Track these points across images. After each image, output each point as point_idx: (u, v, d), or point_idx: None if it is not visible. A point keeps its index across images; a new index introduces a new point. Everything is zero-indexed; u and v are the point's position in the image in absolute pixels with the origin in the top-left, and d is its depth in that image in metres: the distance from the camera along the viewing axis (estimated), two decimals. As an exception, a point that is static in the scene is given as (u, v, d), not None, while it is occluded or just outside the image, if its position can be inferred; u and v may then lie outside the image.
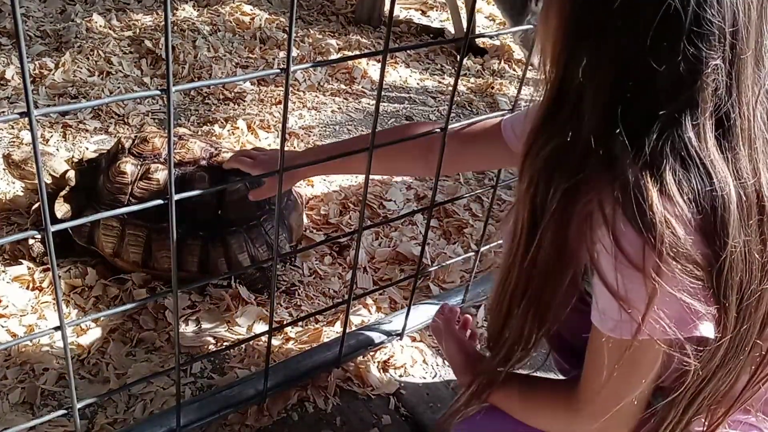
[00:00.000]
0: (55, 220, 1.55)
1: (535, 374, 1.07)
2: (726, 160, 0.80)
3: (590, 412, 0.92)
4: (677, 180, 0.78)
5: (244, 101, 2.48)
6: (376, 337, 1.54)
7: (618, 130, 0.78)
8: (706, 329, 0.82)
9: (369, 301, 1.70)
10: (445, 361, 1.53)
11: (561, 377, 1.22)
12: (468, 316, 1.34)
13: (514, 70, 3.00)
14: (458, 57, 2.62)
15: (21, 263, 1.66)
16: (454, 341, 1.24)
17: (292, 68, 0.94)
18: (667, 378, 0.88)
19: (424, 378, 1.53)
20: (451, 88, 2.73)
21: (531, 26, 2.49)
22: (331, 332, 1.59)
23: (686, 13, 0.75)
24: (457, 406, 1.08)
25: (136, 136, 1.71)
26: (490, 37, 3.18)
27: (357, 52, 2.89)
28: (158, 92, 0.87)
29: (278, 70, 0.96)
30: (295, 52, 2.83)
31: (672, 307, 0.80)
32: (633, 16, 0.76)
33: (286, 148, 1.04)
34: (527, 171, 0.87)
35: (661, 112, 0.78)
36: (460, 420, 1.09)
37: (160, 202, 0.96)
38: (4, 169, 1.82)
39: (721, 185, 0.78)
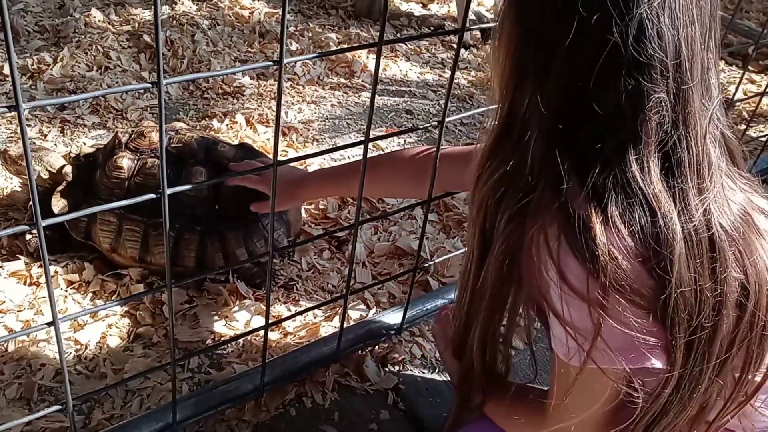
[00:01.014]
0: (51, 215, 1.54)
1: (527, 384, 1.08)
2: (673, 195, 0.80)
3: (554, 428, 0.94)
4: (621, 213, 0.78)
5: (243, 96, 2.47)
6: (375, 331, 1.54)
7: (562, 162, 0.79)
8: (658, 361, 0.82)
9: (367, 295, 1.69)
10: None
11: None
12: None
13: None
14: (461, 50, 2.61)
15: (18, 258, 1.65)
16: (449, 348, 1.25)
17: (285, 60, 0.93)
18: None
19: (423, 373, 1.52)
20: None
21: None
22: (330, 327, 1.58)
23: (626, 48, 0.75)
24: (453, 419, 1.10)
25: (132, 131, 1.70)
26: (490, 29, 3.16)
27: (351, 46, 2.87)
28: (149, 85, 0.86)
29: (271, 63, 0.95)
30: (294, 46, 2.82)
31: (620, 338, 0.80)
32: (575, 53, 0.77)
33: (284, 146, 1.03)
34: (477, 196, 0.88)
35: (602, 146, 0.78)
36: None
37: (153, 196, 0.95)
38: (1, 164, 1.81)
39: (665, 221, 0.78)
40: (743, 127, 2.41)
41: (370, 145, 1.13)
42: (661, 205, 0.79)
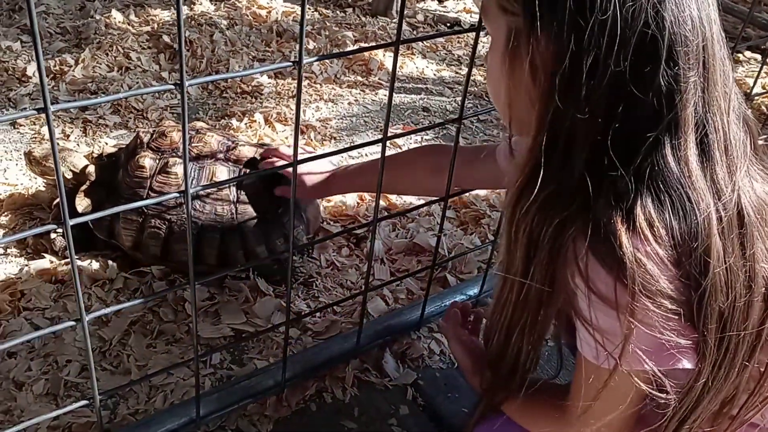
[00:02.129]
0: (75, 215, 1.57)
1: (547, 380, 1.09)
2: (706, 177, 0.80)
3: (578, 429, 0.95)
4: (650, 215, 0.78)
5: (261, 95, 2.49)
6: (394, 327, 1.55)
7: (602, 167, 0.79)
8: (688, 362, 0.82)
9: (386, 292, 1.70)
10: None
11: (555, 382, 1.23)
12: (480, 310, 1.35)
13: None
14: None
15: (44, 257, 1.68)
16: (460, 345, 1.27)
17: (305, 60, 0.95)
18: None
19: (442, 368, 1.53)
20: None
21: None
22: (349, 323, 1.60)
23: (662, 38, 0.75)
24: (474, 420, 1.11)
25: (154, 131, 1.72)
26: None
27: (369, 45, 2.89)
28: (172, 86, 0.88)
29: (291, 63, 0.96)
30: (311, 45, 2.84)
31: (650, 341, 0.80)
32: (615, 55, 0.76)
33: (302, 144, 1.05)
34: (521, 217, 0.86)
35: (636, 145, 0.78)
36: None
37: (176, 195, 0.97)
38: (25, 165, 1.84)
39: (702, 214, 0.78)
40: (762, 122, 2.39)
41: (388, 143, 1.14)
42: (698, 194, 0.78)
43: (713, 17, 0.80)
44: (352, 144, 2.24)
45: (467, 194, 2.00)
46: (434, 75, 2.79)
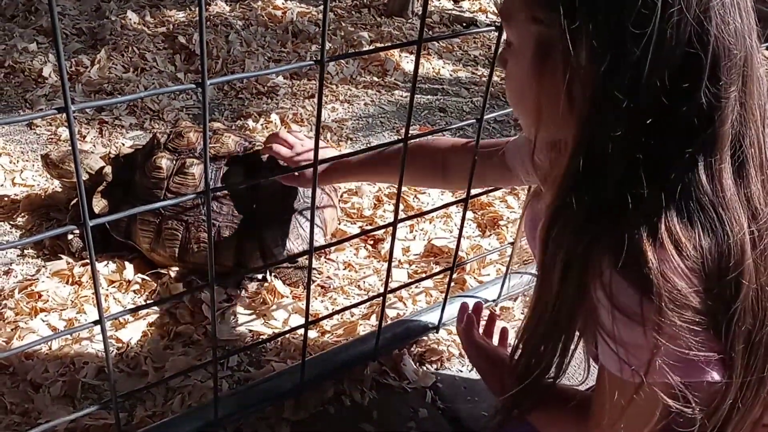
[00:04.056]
0: (92, 215, 1.57)
1: (574, 390, 1.08)
2: (740, 196, 0.77)
3: None
4: (677, 232, 0.76)
5: (277, 95, 2.48)
6: (412, 330, 1.53)
7: (634, 184, 0.76)
8: (716, 374, 0.80)
9: (404, 294, 1.69)
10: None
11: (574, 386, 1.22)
12: (494, 312, 1.33)
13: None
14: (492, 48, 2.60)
15: (60, 258, 1.68)
16: (475, 349, 1.26)
17: (326, 60, 0.93)
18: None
19: (461, 371, 1.52)
20: (485, 79, 2.71)
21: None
22: (367, 325, 1.58)
23: (706, 52, 0.72)
24: (494, 425, 1.09)
25: (170, 131, 1.72)
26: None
27: (389, 44, 2.87)
28: (193, 86, 0.87)
29: (312, 62, 0.95)
30: (327, 45, 2.83)
31: (677, 355, 0.78)
32: (658, 70, 0.72)
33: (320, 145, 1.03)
34: (557, 239, 0.84)
35: (671, 162, 0.76)
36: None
37: (194, 195, 0.96)
38: (42, 167, 1.84)
39: (735, 232, 0.76)
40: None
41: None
42: (732, 214, 0.76)
43: (753, 24, 0.76)
44: (368, 145, 2.23)
45: (485, 196, 1.98)
46: (450, 75, 2.78)
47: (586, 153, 0.78)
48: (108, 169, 1.72)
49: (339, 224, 1.88)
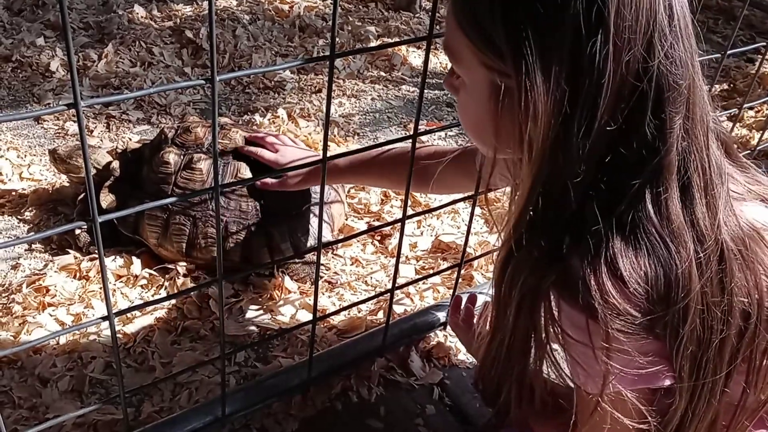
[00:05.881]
0: (101, 212, 1.57)
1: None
2: (686, 222, 0.78)
3: None
4: (623, 261, 0.77)
5: (284, 90, 2.48)
6: (420, 326, 1.53)
7: (585, 218, 0.78)
8: (669, 381, 0.83)
9: (412, 290, 1.68)
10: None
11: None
12: (488, 300, 1.36)
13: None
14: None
15: (68, 253, 1.68)
16: (460, 330, 1.32)
17: (336, 55, 0.93)
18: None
19: (469, 368, 1.51)
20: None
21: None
22: (374, 321, 1.58)
23: (650, 88, 0.73)
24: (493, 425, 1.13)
25: (178, 126, 1.71)
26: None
27: (396, 39, 2.86)
28: (203, 81, 0.86)
29: (322, 57, 0.94)
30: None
31: (629, 367, 0.81)
32: (609, 113, 0.74)
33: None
34: (513, 275, 0.86)
35: (626, 190, 0.77)
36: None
37: (205, 191, 0.96)
38: (50, 162, 1.84)
39: (683, 260, 0.77)
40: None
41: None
42: (678, 242, 0.77)
43: (694, 46, 0.77)
44: (376, 141, 2.23)
45: (493, 192, 1.97)
46: (458, 70, 2.77)
47: (542, 193, 0.80)
48: (115, 164, 1.72)
49: (346, 220, 1.87)
